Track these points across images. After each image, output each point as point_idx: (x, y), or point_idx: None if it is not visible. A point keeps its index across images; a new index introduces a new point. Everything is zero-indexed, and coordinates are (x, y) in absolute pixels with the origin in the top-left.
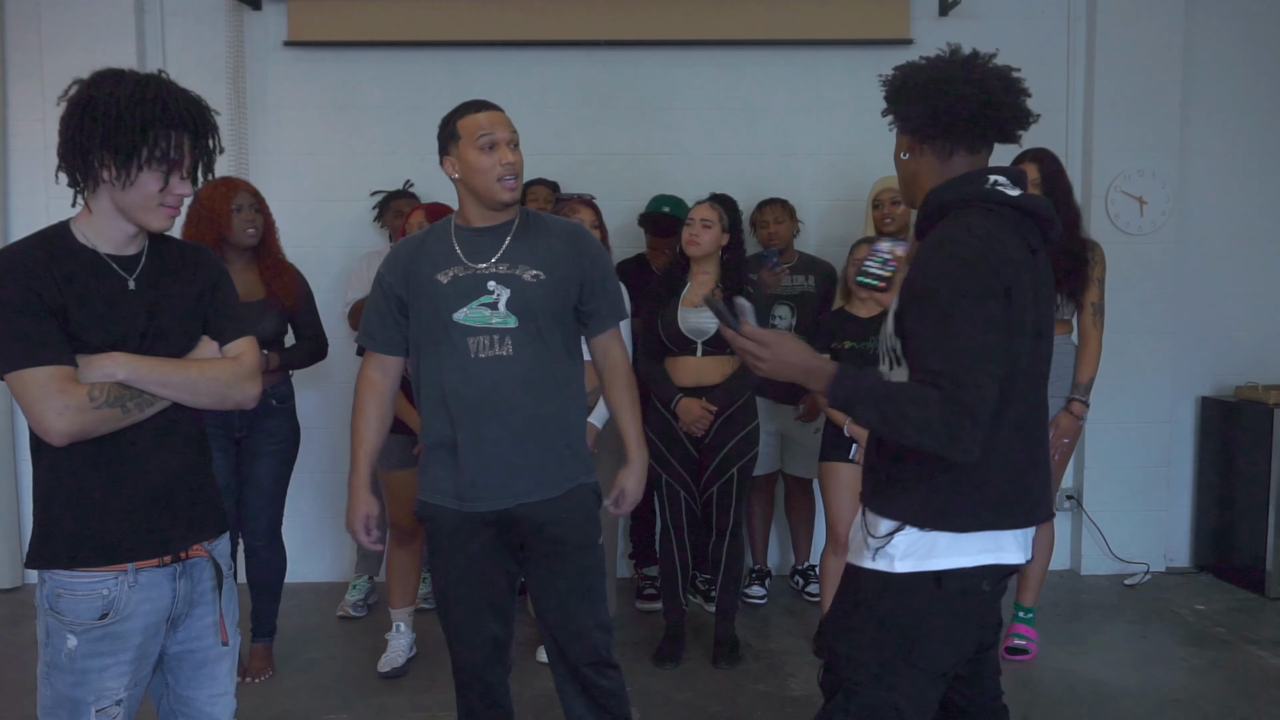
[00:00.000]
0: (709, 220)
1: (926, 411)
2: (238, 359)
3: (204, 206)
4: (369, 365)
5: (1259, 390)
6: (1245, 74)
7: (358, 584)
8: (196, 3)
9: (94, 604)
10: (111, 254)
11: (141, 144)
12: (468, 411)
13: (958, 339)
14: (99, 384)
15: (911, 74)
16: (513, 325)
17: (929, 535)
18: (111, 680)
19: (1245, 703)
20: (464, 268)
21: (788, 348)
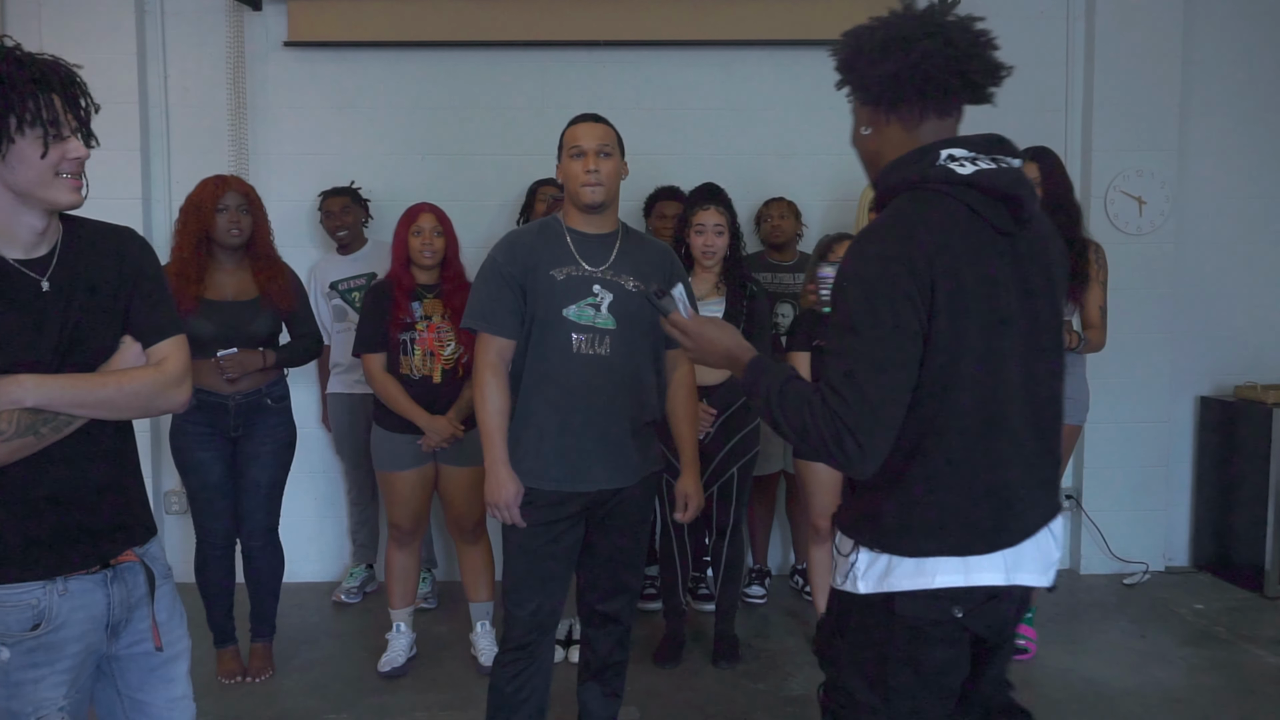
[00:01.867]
0: (721, 226)
1: (808, 419)
2: (160, 365)
3: (191, 204)
4: (488, 349)
5: (1258, 390)
6: (1244, 74)
7: (355, 571)
8: (196, 3)
9: (24, 615)
10: (20, 259)
11: (7, 110)
12: (564, 400)
13: (853, 346)
14: (6, 413)
15: (865, 35)
16: (612, 327)
17: (883, 557)
18: (48, 690)
19: (1244, 702)
20: (578, 268)
21: (710, 335)
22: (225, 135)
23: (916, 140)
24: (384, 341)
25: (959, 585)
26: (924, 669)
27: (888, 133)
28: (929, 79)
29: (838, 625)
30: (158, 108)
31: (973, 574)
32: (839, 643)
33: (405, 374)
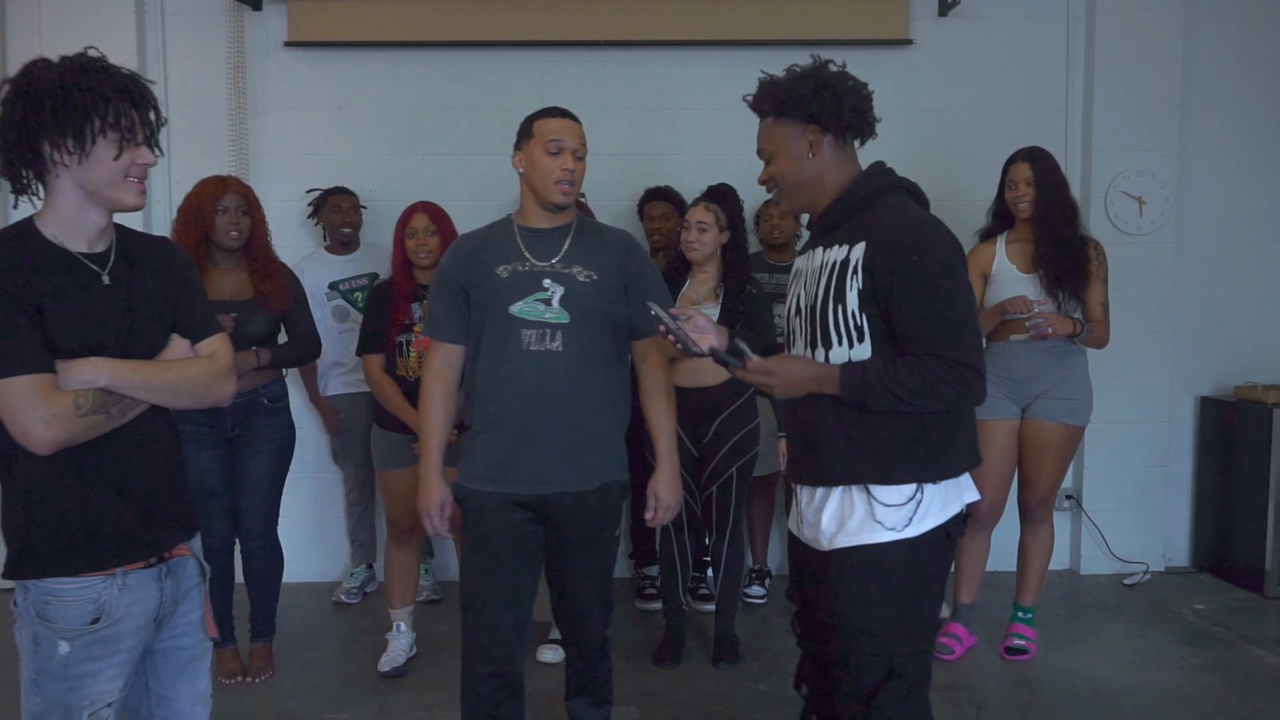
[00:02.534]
0: (705, 223)
1: (936, 380)
2: (213, 357)
3: (190, 204)
4: (435, 356)
5: (1258, 390)
6: (1244, 74)
7: (355, 571)
8: (196, 3)
9: (84, 609)
10: (83, 252)
11: (92, 113)
12: (516, 400)
13: (947, 307)
14: (83, 391)
15: (812, 76)
16: (565, 321)
17: (939, 488)
18: (105, 683)
19: (1245, 702)
20: (525, 263)
21: (789, 368)
22: (225, 135)
23: (846, 165)
24: (383, 343)
25: (967, 502)
26: (943, 582)
27: (831, 158)
28: (859, 115)
29: (857, 573)
30: None
31: (967, 492)
32: (884, 595)
33: (402, 375)
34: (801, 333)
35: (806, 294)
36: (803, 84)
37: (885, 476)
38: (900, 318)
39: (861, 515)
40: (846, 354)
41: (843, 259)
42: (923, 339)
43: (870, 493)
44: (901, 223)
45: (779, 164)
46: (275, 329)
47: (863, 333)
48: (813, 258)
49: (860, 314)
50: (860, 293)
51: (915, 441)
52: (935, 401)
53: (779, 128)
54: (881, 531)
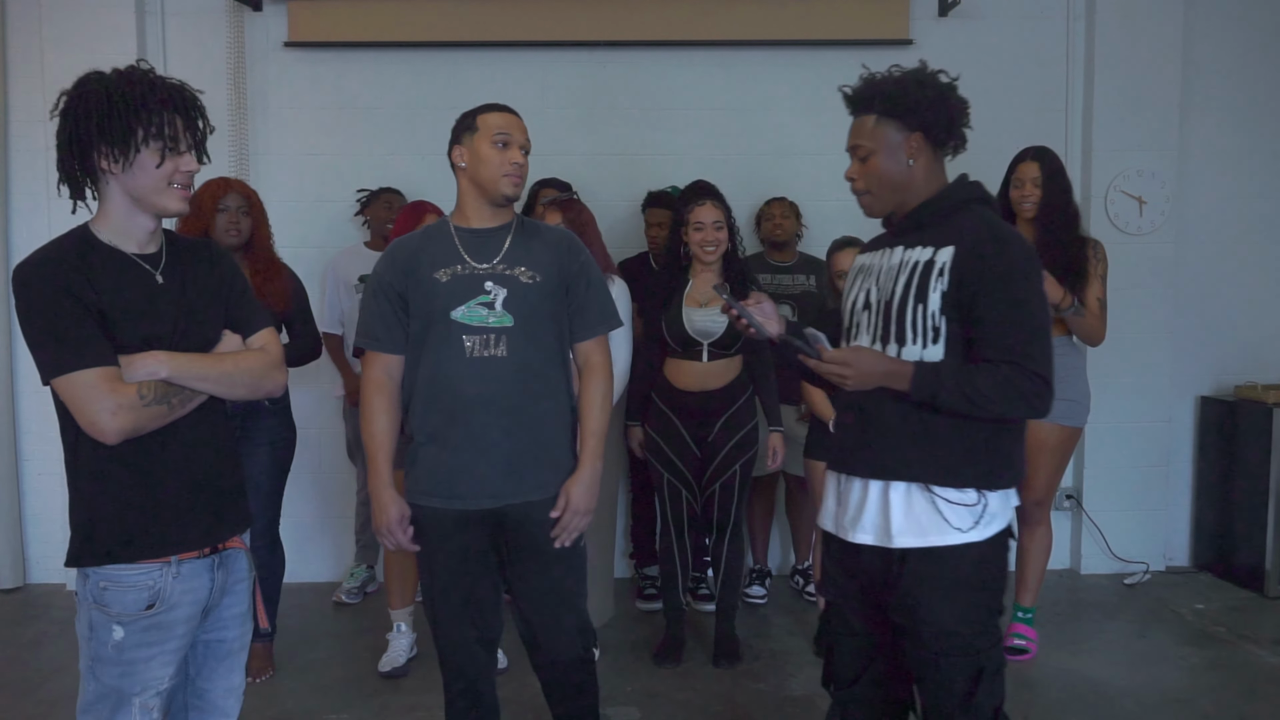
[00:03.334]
0: (720, 221)
1: (1010, 388)
2: (264, 349)
3: (192, 203)
4: (373, 367)
5: (1258, 390)
6: (1244, 74)
7: (356, 572)
8: (196, 3)
9: (140, 595)
10: (136, 253)
11: (136, 123)
12: (461, 410)
13: (1029, 319)
14: (145, 382)
15: (931, 84)
16: (509, 325)
17: (1001, 493)
18: (158, 669)
19: (1245, 702)
20: (464, 266)
21: (867, 360)
22: (225, 135)
23: (938, 173)
24: None
25: (1017, 505)
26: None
27: (927, 166)
28: (959, 128)
29: (956, 579)
30: None
31: (1014, 497)
32: (965, 594)
33: None
34: (869, 327)
35: (879, 290)
36: (920, 91)
37: (947, 478)
38: (982, 324)
39: (929, 514)
40: (919, 353)
41: (927, 260)
42: (1002, 347)
43: (934, 492)
44: (993, 233)
45: (875, 164)
46: (276, 329)
47: (939, 334)
48: (889, 255)
49: (940, 315)
50: (944, 295)
51: (978, 449)
52: (1005, 408)
53: (881, 128)
54: (951, 532)
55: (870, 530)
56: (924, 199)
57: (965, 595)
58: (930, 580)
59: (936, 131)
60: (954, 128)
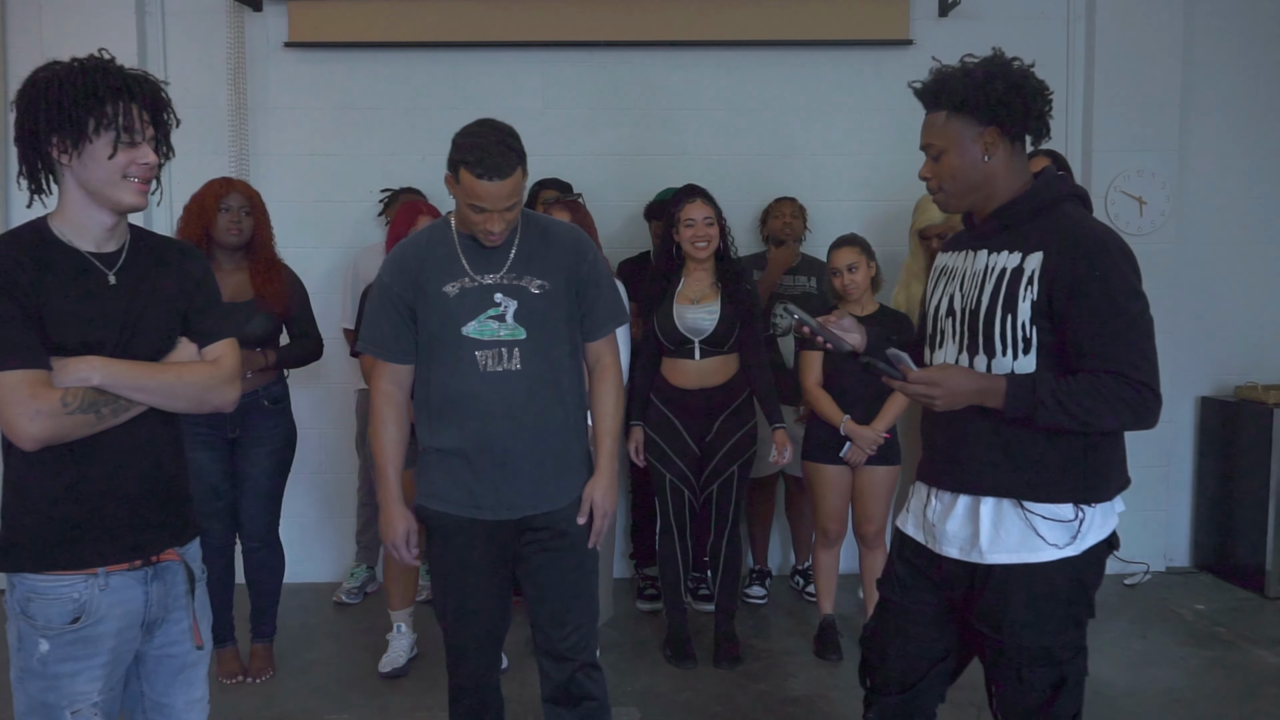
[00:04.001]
0: (711, 217)
1: (1116, 400)
2: (216, 362)
3: (195, 203)
4: (382, 377)
5: (1259, 390)
6: (1245, 74)
7: (356, 572)
8: (196, 3)
9: (65, 608)
10: (91, 251)
11: (86, 113)
12: (476, 423)
13: (1131, 327)
14: (73, 389)
15: (1002, 75)
16: (521, 337)
17: (1099, 508)
18: (85, 684)
19: (1245, 702)
20: (471, 279)
21: (956, 379)
22: (225, 135)
23: (1020, 167)
24: None
25: (1120, 511)
26: None
27: (998, 160)
28: (1045, 116)
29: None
30: None
31: (1119, 503)
32: (1051, 611)
33: None
34: (953, 335)
35: (963, 296)
36: (992, 83)
37: (1041, 494)
38: (1079, 334)
39: (1021, 530)
40: (1010, 365)
41: (1015, 267)
42: (1104, 357)
43: (1025, 508)
44: (1086, 235)
45: (949, 162)
46: (276, 330)
47: (1030, 345)
48: (974, 259)
49: (1031, 325)
50: (1034, 304)
51: (1075, 462)
52: (1109, 421)
53: (953, 124)
54: (1045, 548)
55: (956, 544)
56: (1007, 197)
57: (1056, 609)
58: (1021, 595)
59: (1011, 124)
60: (1030, 118)
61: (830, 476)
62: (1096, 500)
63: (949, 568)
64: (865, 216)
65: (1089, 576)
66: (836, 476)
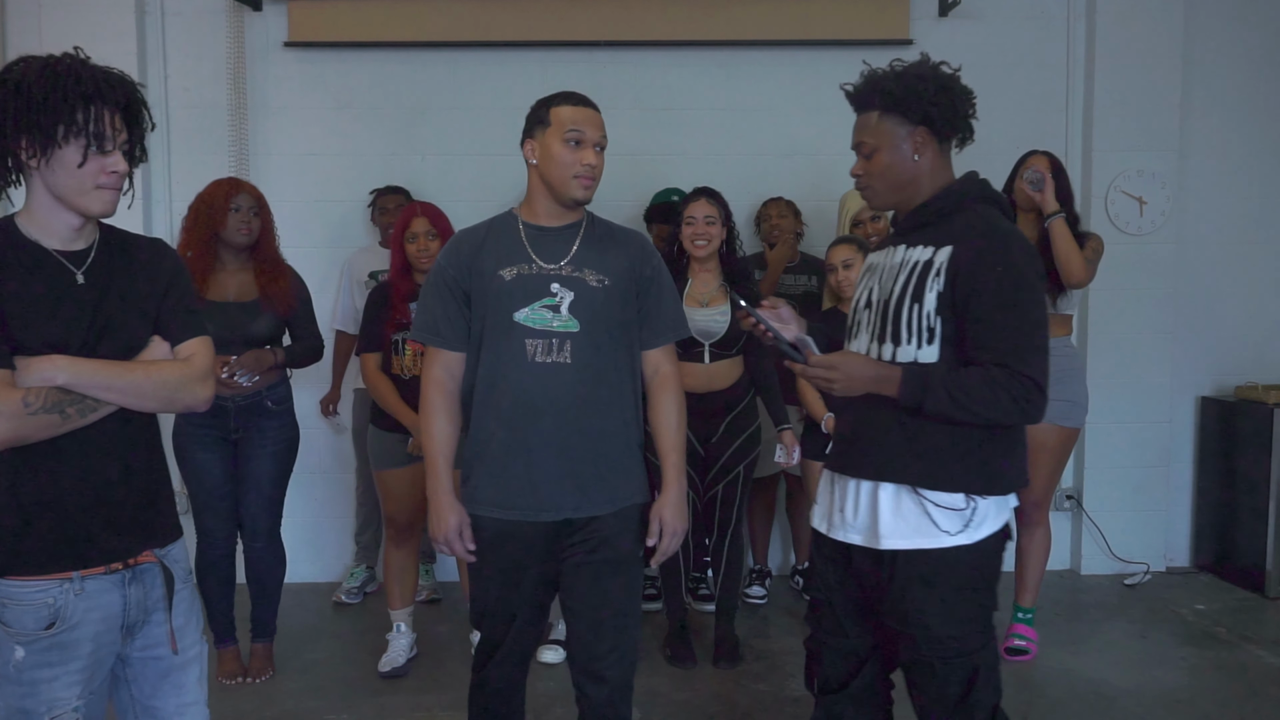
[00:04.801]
0: (712, 216)
1: (1001, 391)
2: (188, 360)
3: (203, 202)
4: (435, 365)
5: (1259, 390)
6: (1245, 74)
7: (356, 572)
8: (196, 3)
9: (40, 613)
10: (59, 249)
11: (56, 120)
12: (520, 417)
13: (1023, 321)
14: (35, 389)
15: (932, 78)
16: (574, 330)
17: (990, 500)
18: (62, 690)
19: (1245, 703)
20: (530, 265)
21: (853, 365)
22: (225, 135)
23: (945, 168)
24: (380, 342)
25: (1015, 505)
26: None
27: (927, 160)
28: (970, 119)
29: (929, 581)
30: (158, 108)
31: (1012, 500)
32: (951, 596)
33: (396, 374)
34: (869, 326)
35: (880, 289)
36: (922, 85)
37: (936, 482)
38: (975, 326)
39: (917, 516)
40: (913, 353)
41: (926, 260)
42: (994, 349)
43: (921, 495)
44: (991, 233)
45: (880, 160)
46: (279, 331)
47: (934, 335)
48: (892, 254)
49: (935, 316)
50: (940, 295)
51: (970, 453)
52: (994, 413)
53: (885, 124)
54: (939, 534)
55: (859, 531)
56: (928, 196)
57: (957, 597)
58: (920, 584)
59: (940, 125)
60: (958, 120)
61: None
62: (989, 492)
63: (858, 559)
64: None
65: (988, 567)
66: None
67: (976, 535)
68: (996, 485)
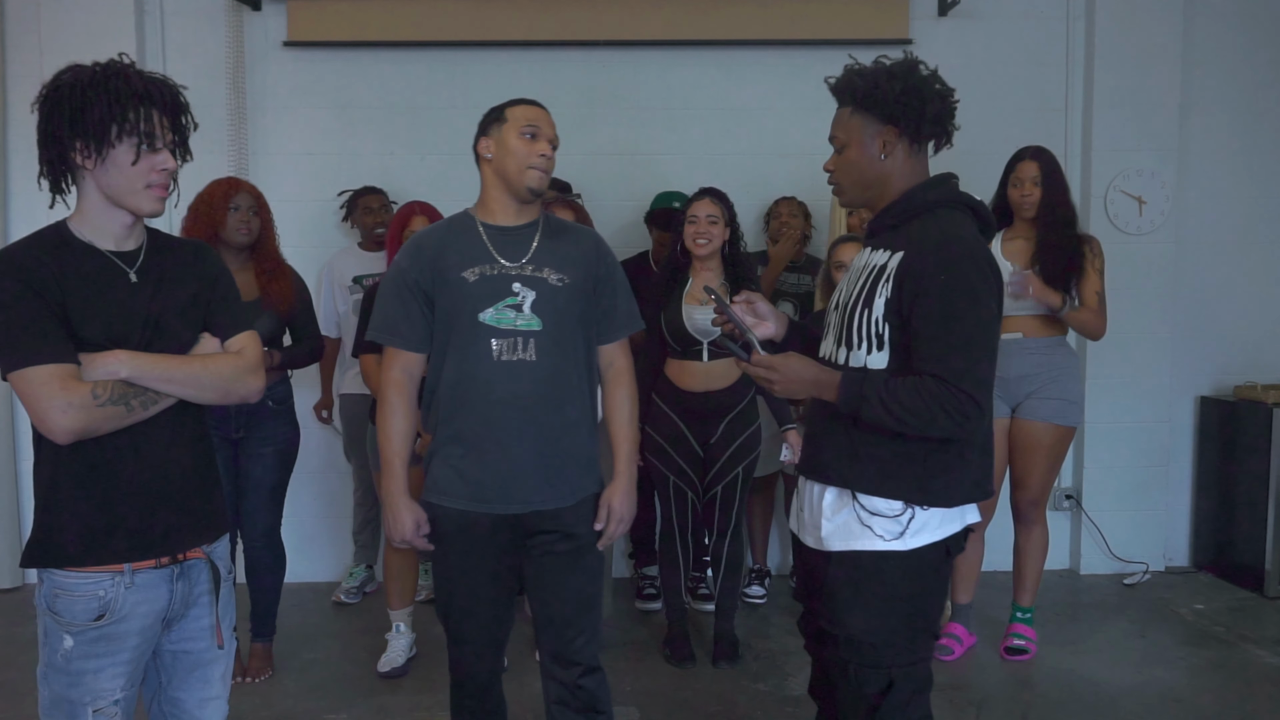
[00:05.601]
0: (714, 215)
1: (933, 402)
2: (240, 353)
3: (203, 202)
4: (393, 365)
5: (1258, 390)
6: (1244, 74)
7: (355, 571)
8: (196, 3)
9: (90, 605)
10: (111, 250)
11: (110, 119)
12: (488, 413)
13: (963, 332)
14: (102, 382)
15: (901, 76)
16: (537, 328)
17: (932, 510)
18: (107, 681)
19: (1245, 702)
20: (492, 266)
21: (794, 367)
22: (225, 135)
23: (915, 170)
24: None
25: (968, 523)
26: (943, 596)
27: (895, 160)
28: (936, 122)
29: (856, 584)
30: None
31: (969, 514)
32: (875, 602)
33: None
34: (833, 329)
35: (846, 292)
36: (890, 83)
37: (875, 488)
38: (916, 336)
39: (853, 520)
40: (864, 359)
41: (881, 264)
42: (929, 359)
43: (858, 499)
44: (937, 238)
45: (848, 156)
46: (280, 330)
47: (883, 341)
48: (862, 257)
49: (883, 323)
50: (887, 302)
51: (911, 461)
52: (927, 425)
53: (856, 120)
54: (873, 539)
55: (810, 532)
56: (895, 197)
57: (881, 605)
58: (847, 585)
59: (908, 125)
60: (925, 122)
61: None
62: (931, 503)
63: (814, 560)
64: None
65: (923, 579)
66: None
67: (911, 543)
68: (940, 497)
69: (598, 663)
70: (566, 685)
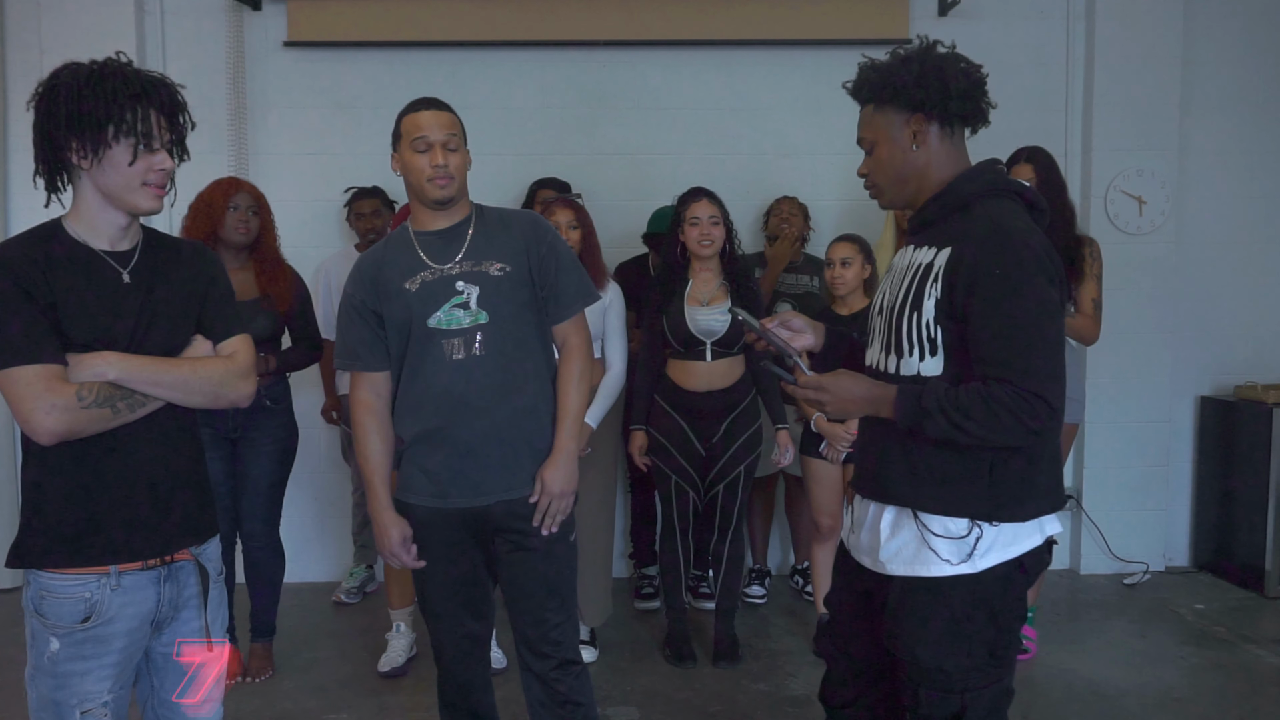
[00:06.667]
0: (716, 216)
1: (1002, 409)
2: (231, 357)
3: (202, 201)
4: (360, 387)
5: (1258, 390)
6: (1244, 74)
7: (355, 571)
8: (196, 3)
9: (76, 607)
10: (105, 250)
11: (106, 119)
12: (443, 411)
13: (1026, 328)
14: (88, 383)
15: (917, 59)
16: (485, 321)
17: (1003, 527)
18: (94, 684)
19: (1245, 702)
20: (431, 271)
21: (845, 386)
22: (225, 135)
23: (954, 157)
24: None
25: (1048, 535)
26: (1024, 611)
27: (937, 149)
28: (967, 99)
29: (944, 613)
30: None
31: (1049, 525)
32: (948, 629)
33: None
34: (879, 335)
35: (890, 294)
36: (905, 68)
37: (937, 506)
38: (973, 336)
39: (916, 543)
40: (917, 366)
41: (927, 263)
42: (994, 362)
43: (920, 520)
44: (991, 231)
45: (880, 154)
46: (279, 330)
47: (936, 345)
48: (905, 255)
49: (935, 325)
50: (938, 303)
51: (979, 476)
52: (997, 435)
53: (880, 116)
54: (938, 563)
55: (867, 553)
56: (937, 189)
57: (951, 631)
58: (914, 612)
59: (935, 107)
60: (952, 99)
61: (823, 470)
62: (1000, 519)
63: (868, 578)
64: (865, 217)
65: (998, 600)
66: (829, 470)
67: (980, 565)
68: (1011, 511)
69: (576, 655)
70: (542, 678)
